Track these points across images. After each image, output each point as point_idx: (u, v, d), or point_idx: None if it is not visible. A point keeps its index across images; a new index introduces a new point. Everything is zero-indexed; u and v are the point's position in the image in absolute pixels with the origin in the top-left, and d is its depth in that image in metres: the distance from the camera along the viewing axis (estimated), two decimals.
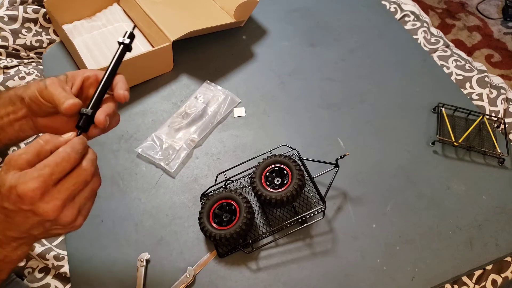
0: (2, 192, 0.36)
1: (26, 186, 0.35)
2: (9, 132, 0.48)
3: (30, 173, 0.36)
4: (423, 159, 0.76)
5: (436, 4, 2.12)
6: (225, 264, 0.63)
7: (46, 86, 0.44)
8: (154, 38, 0.88)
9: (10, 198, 0.36)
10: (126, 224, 0.67)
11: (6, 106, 0.47)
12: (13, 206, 0.37)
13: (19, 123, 0.47)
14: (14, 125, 0.47)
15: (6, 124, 0.47)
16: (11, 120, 0.47)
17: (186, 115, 0.80)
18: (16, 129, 0.48)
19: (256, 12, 0.99)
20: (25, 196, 0.36)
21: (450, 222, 0.68)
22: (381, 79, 0.88)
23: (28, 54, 0.89)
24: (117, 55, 0.48)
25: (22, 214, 0.37)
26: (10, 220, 0.38)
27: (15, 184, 0.36)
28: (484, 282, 0.64)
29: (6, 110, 0.47)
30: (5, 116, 0.47)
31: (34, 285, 0.61)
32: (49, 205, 0.37)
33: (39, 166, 0.37)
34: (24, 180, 0.36)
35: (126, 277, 0.61)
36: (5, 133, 0.47)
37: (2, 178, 0.37)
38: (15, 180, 0.36)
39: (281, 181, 0.64)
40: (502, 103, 0.84)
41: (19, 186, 0.36)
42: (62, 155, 0.38)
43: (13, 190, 0.36)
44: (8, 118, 0.47)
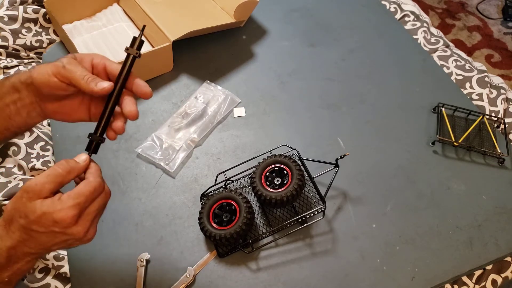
0: (31, 218, 0.40)
1: (65, 214, 0.40)
2: (17, 120, 0.47)
3: (65, 201, 0.40)
4: (423, 159, 0.76)
5: (436, 4, 2.12)
6: (225, 264, 0.63)
7: (64, 66, 0.44)
8: (154, 38, 0.88)
9: (42, 223, 0.40)
10: (126, 224, 0.67)
11: (11, 94, 0.46)
12: (44, 229, 0.40)
13: (26, 110, 0.47)
14: (21, 112, 0.47)
15: (14, 113, 0.46)
16: (18, 107, 0.46)
17: (186, 115, 0.80)
18: (24, 117, 0.47)
19: (256, 12, 0.99)
20: (62, 221, 0.40)
21: (450, 222, 0.68)
22: (381, 79, 0.88)
23: (28, 54, 0.89)
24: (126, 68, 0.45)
25: (51, 235, 0.41)
26: (33, 240, 0.41)
27: (51, 211, 0.40)
28: (484, 282, 0.64)
29: (12, 97, 0.46)
30: (12, 104, 0.46)
31: (34, 285, 0.61)
32: (81, 227, 0.42)
33: (74, 195, 0.41)
34: (61, 208, 0.40)
35: (126, 277, 0.61)
36: (13, 121, 0.47)
37: (28, 205, 0.40)
38: (49, 207, 0.40)
39: (281, 181, 0.64)
40: (502, 103, 0.84)
41: (57, 213, 0.40)
42: (94, 185, 0.43)
43: (49, 216, 0.40)
44: (15, 106, 0.46)
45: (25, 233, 0.41)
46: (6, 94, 0.46)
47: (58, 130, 0.78)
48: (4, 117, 0.47)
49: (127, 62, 0.46)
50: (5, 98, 0.46)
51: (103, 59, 0.47)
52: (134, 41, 0.46)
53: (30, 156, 0.73)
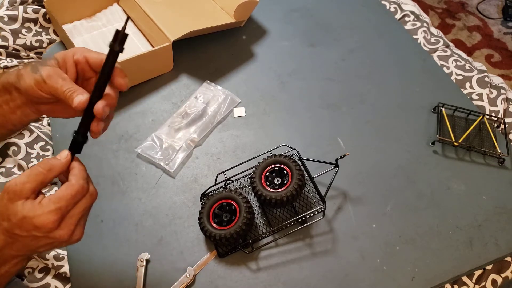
0: (13, 221, 0.39)
1: (45, 219, 0.38)
2: (12, 118, 0.46)
3: (46, 205, 0.39)
4: (423, 159, 0.76)
5: (436, 4, 2.12)
6: (225, 264, 0.63)
7: (44, 80, 0.42)
8: (154, 38, 0.88)
9: (24, 227, 0.39)
10: (126, 224, 0.67)
11: (2, 94, 0.45)
12: (26, 233, 0.39)
13: (20, 110, 0.46)
14: (15, 111, 0.46)
15: (8, 111, 0.45)
16: (11, 107, 0.45)
17: (186, 115, 0.80)
18: (19, 115, 0.46)
19: (256, 12, 0.99)
20: (43, 227, 0.39)
21: (450, 222, 0.68)
22: (381, 79, 0.88)
23: (28, 54, 0.89)
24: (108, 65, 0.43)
25: (34, 239, 0.40)
26: (17, 243, 0.40)
27: (31, 215, 0.38)
28: (484, 282, 0.64)
29: (3, 98, 0.45)
30: (4, 103, 0.45)
31: (34, 285, 0.61)
32: (64, 230, 0.40)
33: (54, 199, 0.39)
34: (42, 212, 0.38)
35: (126, 277, 0.61)
36: (8, 119, 0.46)
37: (9, 207, 0.39)
38: (29, 211, 0.38)
39: (281, 181, 0.64)
40: (502, 103, 0.84)
41: (37, 218, 0.38)
42: (76, 188, 0.41)
43: (29, 221, 0.38)
44: (8, 106, 0.45)
45: (9, 237, 0.40)
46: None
47: (58, 130, 0.78)
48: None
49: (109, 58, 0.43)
50: None
51: (83, 53, 0.45)
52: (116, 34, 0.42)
53: (30, 156, 0.73)
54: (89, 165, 0.48)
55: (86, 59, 0.45)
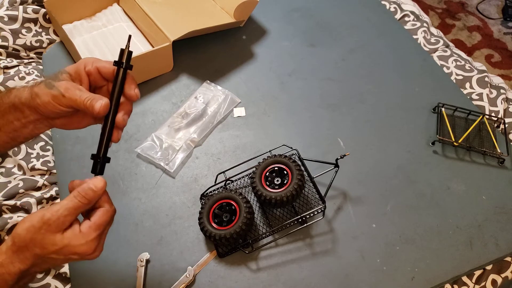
0: (50, 249, 0.41)
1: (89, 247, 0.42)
2: (24, 132, 0.47)
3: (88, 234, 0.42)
4: (423, 159, 0.76)
5: (436, 4, 2.12)
6: (225, 264, 0.63)
7: (63, 94, 0.44)
8: (154, 38, 0.88)
9: (63, 253, 0.42)
10: (126, 224, 0.67)
11: (13, 112, 0.46)
12: (63, 257, 0.42)
13: (32, 125, 0.47)
14: (27, 126, 0.47)
15: (19, 127, 0.47)
16: (23, 123, 0.46)
17: (186, 115, 0.80)
18: (30, 129, 0.47)
19: (256, 12, 0.99)
20: (84, 253, 0.42)
21: (450, 222, 0.68)
22: (381, 79, 0.88)
23: (28, 54, 0.89)
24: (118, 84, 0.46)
25: (67, 259, 0.43)
26: (47, 263, 0.43)
27: (74, 244, 0.41)
28: (484, 282, 0.64)
29: (14, 115, 0.46)
30: (16, 120, 0.46)
31: (34, 285, 0.61)
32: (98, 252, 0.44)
33: (95, 227, 0.43)
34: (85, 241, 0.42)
35: (126, 277, 0.61)
36: (20, 133, 0.47)
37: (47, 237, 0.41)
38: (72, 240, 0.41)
39: (281, 181, 0.64)
40: (502, 103, 0.84)
41: (80, 247, 0.42)
42: (111, 214, 0.45)
43: (71, 249, 0.41)
44: (19, 122, 0.46)
45: (40, 259, 0.42)
46: (7, 112, 0.46)
47: (58, 130, 0.78)
48: (10, 131, 0.47)
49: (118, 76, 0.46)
50: (7, 115, 0.46)
51: (94, 63, 0.47)
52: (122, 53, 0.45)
53: (30, 156, 0.73)
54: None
55: (98, 69, 0.47)
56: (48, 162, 0.74)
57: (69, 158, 0.74)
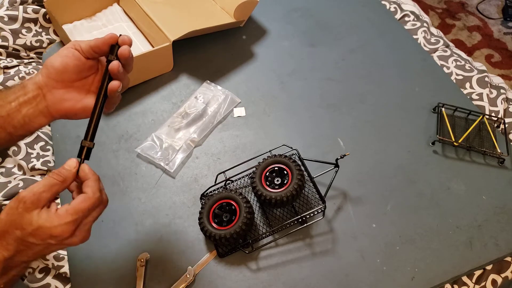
0: (28, 230, 0.40)
1: (63, 229, 0.41)
2: (14, 118, 0.47)
3: (64, 216, 0.41)
4: (423, 159, 0.76)
5: (436, 4, 2.12)
6: (225, 264, 0.63)
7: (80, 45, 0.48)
8: (154, 38, 0.88)
9: (39, 236, 0.40)
10: (126, 224, 0.67)
11: (17, 91, 0.47)
12: (41, 241, 0.41)
13: (27, 106, 0.47)
14: (21, 109, 0.47)
15: (14, 109, 0.47)
16: (20, 102, 0.47)
17: (186, 115, 0.80)
18: (23, 114, 0.47)
19: (256, 12, 0.99)
20: (59, 236, 0.41)
21: (450, 222, 0.68)
22: (381, 79, 0.88)
23: (28, 54, 0.89)
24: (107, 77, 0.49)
25: (48, 246, 0.42)
26: (30, 250, 0.42)
27: (48, 225, 0.40)
28: (484, 282, 0.64)
29: (16, 94, 0.47)
30: (14, 100, 0.47)
31: (34, 285, 0.61)
32: (78, 237, 0.43)
33: (72, 211, 0.42)
34: (59, 224, 0.41)
35: (126, 277, 0.61)
36: (11, 119, 0.47)
37: (24, 216, 0.40)
38: (46, 221, 0.40)
39: (281, 181, 0.64)
40: (502, 103, 0.84)
41: (54, 228, 0.40)
42: (93, 201, 0.43)
43: (46, 230, 0.40)
44: (16, 102, 0.47)
45: (22, 244, 0.41)
46: (12, 93, 0.47)
47: (58, 130, 0.78)
48: (3, 115, 0.47)
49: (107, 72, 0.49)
50: (9, 96, 0.47)
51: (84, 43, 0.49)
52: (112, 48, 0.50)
53: (30, 156, 0.73)
54: (89, 164, 0.48)
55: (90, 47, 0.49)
56: (48, 162, 0.74)
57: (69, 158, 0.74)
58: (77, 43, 0.48)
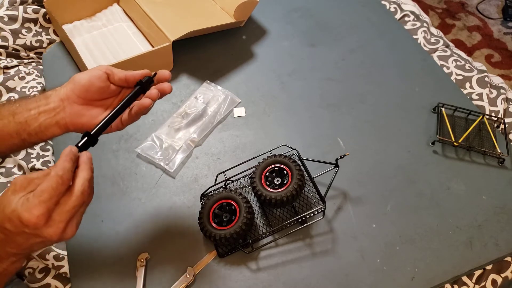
0: (6, 212, 0.38)
1: (30, 214, 0.38)
2: (31, 125, 0.48)
3: (31, 200, 0.38)
4: (423, 159, 0.76)
5: (436, 4, 2.12)
6: (225, 264, 0.63)
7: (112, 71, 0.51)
8: (154, 38, 0.88)
9: (12, 221, 0.38)
10: (126, 224, 0.67)
11: (39, 100, 0.49)
12: (15, 229, 0.39)
13: (45, 116, 0.48)
14: (39, 117, 0.48)
15: (32, 117, 0.48)
16: (40, 111, 0.48)
17: (186, 115, 0.80)
18: (40, 122, 0.48)
19: (256, 12, 0.99)
20: (29, 222, 0.38)
21: (450, 222, 0.68)
22: (381, 79, 0.88)
23: (28, 54, 0.89)
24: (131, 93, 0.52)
25: (25, 236, 0.40)
26: (10, 240, 0.40)
27: (19, 209, 0.38)
28: (484, 282, 0.64)
29: (38, 103, 0.48)
30: (34, 108, 0.48)
31: (34, 286, 0.61)
32: (53, 228, 0.39)
33: (37, 192, 0.38)
34: (27, 207, 0.38)
35: (126, 277, 0.61)
36: (27, 126, 0.48)
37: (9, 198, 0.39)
38: (19, 205, 0.38)
39: (281, 181, 0.64)
40: (502, 103, 0.84)
41: (23, 213, 0.38)
42: (55, 179, 0.39)
43: (16, 214, 0.38)
44: (36, 110, 0.48)
45: (1, 232, 0.40)
46: (34, 101, 0.49)
47: None
48: (22, 121, 0.47)
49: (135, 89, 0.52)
50: (30, 104, 0.48)
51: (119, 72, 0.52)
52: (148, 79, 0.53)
53: (30, 156, 0.73)
54: None
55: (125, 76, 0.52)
56: (48, 162, 0.74)
57: None
58: (110, 69, 0.50)
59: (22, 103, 0.49)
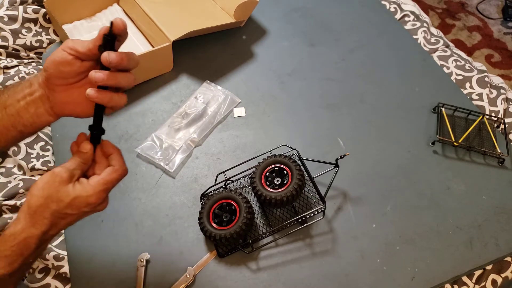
0: (65, 201, 0.44)
1: (97, 197, 0.46)
2: (24, 117, 0.48)
3: (97, 186, 0.46)
4: (423, 159, 0.76)
5: (436, 4, 2.12)
6: (225, 264, 0.63)
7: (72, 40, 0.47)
8: (154, 38, 0.88)
9: (75, 205, 0.45)
10: (126, 224, 0.67)
11: (24, 89, 0.48)
12: (77, 210, 0.45)
13: (35, 105, 0.48)
14: (29, 108, 0.48)
15: (22, 108, 0.48)
16: (28, 102, 0.48)
17: (186, 115, 0.80)
18: (31, 113, 0.48)
19: (256, 12, 0.99)
20: (94, 203, 0.46)
21: (450, 222, 0.68)
22: (381, 79, 0.88)
23: (28, 54, 0.89)
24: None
25: (81, 214, 0.46)
26: (64, 221, 0.46)
27: (84, 195, 0.45)
28: (484, 282, 0.64)
29: (24, 92, 0.48)
30: (22, 99, 0.48)
31: (34, 286, 0.61)
32: (105, 203, 0.48)
33: (103, 181, 0.46)
34: (94, 192, 0.45)
35: (126, 277, 0.61)
36: (20, 118, 0.48)
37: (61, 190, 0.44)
38: (82, 191, 0.45)
39: (281, 181, 0.64)
40: (502, 103, 0.84)
41: (90, 197, 0.45)
42: (121, 173, 0.48)
43: (82, 199, 0.45)
44: (24, 101, 0.48)
45: (58, 217, 0.44)
46: (20, 90, 0.48)
47: (58, 130, 0.78)
48: (13, 113, 0.48)
49: None
50: (17, 94, 0.48)
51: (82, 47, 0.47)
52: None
53: (30, 156, 0.73)
54: None
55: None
56: (48, 162, 0.74)
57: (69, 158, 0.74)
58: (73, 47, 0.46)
59: (10, 93, 0.48)
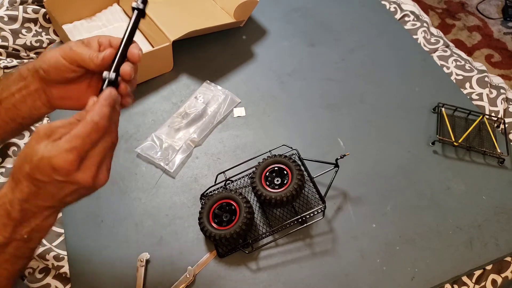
0: (34, 161, 0.36)
1: (62, 159, 0.36)
2: (22, 110, 0.46)
3: (61, 145, 0.36)
4: (423, 159, 0.76)
5: (436, 4, 2.12)
6: (225, 264, 0.63)
7: (70, 47, 0.43)
8: (154, 38, 0.88)
9: (42, 169, 0.36)
10: (126, 224, 0.67)
11: (17, 82, 0.46)
12: (47, 178, 0.37)
13: (31, 99, 0.46)
14: (26, 100, 0.46)
15: (19, 101, 0.46)
16: (23, 95, 0.46)
17: (186, 115, 0.80)
18: (29, 105, 0.46)
19: (256, 12, 0.99)
20: (61, 168, 0.36)
21: (450, 222, 0.68)
22: (381, 79, 0.88)
23: (28, 54, 0.89)
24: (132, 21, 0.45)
25: (57, 185, 0.38)
26: (42, 191, 0.38)
27: (48, 155, 0.36)
28: (484, 282, 0.64)
29: (18, 86, 0.46)
30: (17, 92, 0.46)
31: (34, 286, 0.61)
32: (86, 173, 0.38)
33: (69, 137, 0.37)
34: (57, 152, 0.36)
35: (126, 277, 0.61)
36: (18, 111, 0.46)
37: (35, 147, 0.37)
38: (47, 151, 0.36)
39: (281, 181, 0.64)
40: (502, 103, 0.84)
41: (53, 158, 0.36)
42: (91, 125, 0.38)
43: (46, 161, 0.36)
44: (20, 94, 0.46)
45: (32, 184, 0.38)
46: (12, 83, 0.46)
47: None
48: (10, 107, 0.46)
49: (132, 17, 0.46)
50: (11, 87, 0.46)
51: (107, 37, 0.46)
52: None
53: None
54: None
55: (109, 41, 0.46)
56: None
57: None
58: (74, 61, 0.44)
59: (4, 86, 0.46)
